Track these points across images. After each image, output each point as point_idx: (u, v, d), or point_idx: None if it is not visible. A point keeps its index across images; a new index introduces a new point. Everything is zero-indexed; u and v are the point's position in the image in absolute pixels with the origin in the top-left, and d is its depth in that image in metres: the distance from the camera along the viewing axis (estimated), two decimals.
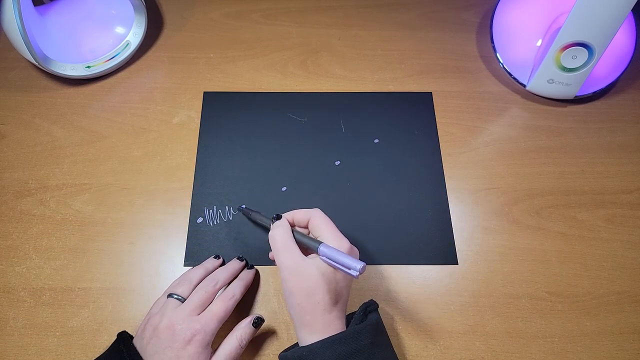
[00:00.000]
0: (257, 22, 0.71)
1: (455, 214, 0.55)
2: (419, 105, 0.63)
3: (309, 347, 0.37)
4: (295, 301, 0.39)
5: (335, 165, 0.58)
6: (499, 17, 0.64)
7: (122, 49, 0.65)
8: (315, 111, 0.62)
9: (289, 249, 0.40)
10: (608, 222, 0.55)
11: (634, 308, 0.50)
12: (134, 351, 0.40)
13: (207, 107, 0.63)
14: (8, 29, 0.56)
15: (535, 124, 0.62)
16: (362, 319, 0.40)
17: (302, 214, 0.44)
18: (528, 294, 0.51)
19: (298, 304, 0.38)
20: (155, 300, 0.45)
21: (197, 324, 0.40)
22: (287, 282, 0.39)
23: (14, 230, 0.53)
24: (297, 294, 0.38)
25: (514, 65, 0.64)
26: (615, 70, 0.61)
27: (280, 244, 0.41)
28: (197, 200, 0.56)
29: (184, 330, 0.40)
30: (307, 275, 0.39)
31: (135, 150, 0.59)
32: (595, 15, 0.53)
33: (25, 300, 0.49)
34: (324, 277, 0.39)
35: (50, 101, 0.63)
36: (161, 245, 0.53)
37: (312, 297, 0.38)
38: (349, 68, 0.66)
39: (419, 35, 0.70)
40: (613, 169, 0.59)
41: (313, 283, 0.38)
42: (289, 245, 0.41)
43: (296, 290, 0.38)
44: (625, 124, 0.62)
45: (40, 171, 0.57)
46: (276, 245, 0.41)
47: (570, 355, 0.48)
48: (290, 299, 0.39)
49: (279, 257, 0.40)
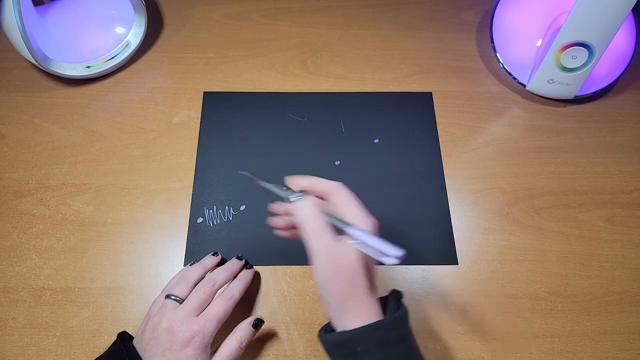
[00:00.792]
0: (257, 22, 0.71)
1: (455, 214, 0.55)
2: (419, 105, 0.63)
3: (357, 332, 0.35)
4: (335, 287, 0.36)
5: (335, 165, 0.58)
6: (499, 17, 0.64)
7: (122, 49, 0.65)
8: (315, 111, 0.62)
9: (323, 231, 0.36)
10: (608, 222, 0.55)
11: (634, 308, 0.50)
12: (134, 352, 0.40)
13: (207, 107, 0.63)
14: (8, 29, 0.56)
15: (535, 124, 0.62)
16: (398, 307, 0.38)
17: (323, 185, 0.39)
18: (528, 294, 0.51)
19: (339, 289, 0.36)
20: (154, 300, 0.45)
21: (195, 325, 0.40)
22: (324, 268, 0.36)
23: (14, 230, 0.53)
24: (337, 279, 0.35)
25: (514, 65, 0.64)
26: (615, 70, 0.61)
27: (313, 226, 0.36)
28: (197, 200, 0.56)
29: (183, 332, 0.40)
30: (346, 259, 0.36)
31: (135, 150, 0.59)
32: (595, 15, 0.53)
33: (25, 300, 0.49)
34: (363, 259, 0.36)
35: (50, 101, 0.63)
36: (161, 245, 0.53)
37: (353, 282, 0.36)
38: (349, 68, 0.66)
39: (419, 35, 0.70)
40: (613, 169, 0.59)
41: (353, 267, 0.36)
42: (323, 228, 0.36)
43: (335, 276, 0.35)
44: (625, 124, 0.62)
45: (40, 171, 0.57)
46: (307, 227, 0.37)
47: (570, 355, 0.48)
48: (329, 285, 0.36)
49: (313, 241, 0.36)
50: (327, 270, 0.36)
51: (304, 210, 0.37)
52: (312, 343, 0.48)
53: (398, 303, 0.39)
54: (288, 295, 0.50)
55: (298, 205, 0.38)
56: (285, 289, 0.51)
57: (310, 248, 0.36)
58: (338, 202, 0.38)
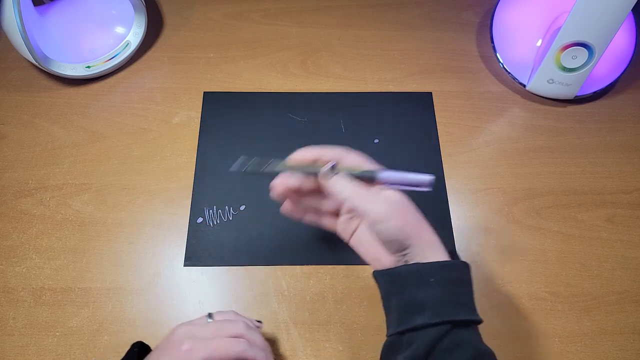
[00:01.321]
0: (257, 22, 0.71)
1: (455, 214, 0.55)
2: (419, 105, 0.63)
3: (434, 264, 0.36)
4: (411, 226, 0.37)
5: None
6: (499, 17, 0.64)
7: (122, 49, 0.65)
8: (315, 111, 0.62)
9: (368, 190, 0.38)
10: (608, 222, 0.55)
11: (634, 308, 0.50)
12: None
13: (207, 107, 0.63)
14: (8, 29, 0.56)
15: (535, 124, 0.62)
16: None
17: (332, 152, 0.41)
18: (528, 294, 0.51)
19: (416, 226, 0.38)
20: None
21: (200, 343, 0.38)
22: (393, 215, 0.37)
23: (14, 230, 0.53)
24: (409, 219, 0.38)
25: (514, 65, 0.64)
26: (615, 70, 0.61)
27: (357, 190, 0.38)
28: (197, 200, 0.56)
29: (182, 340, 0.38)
30: (403, 201, 0.38)
31: (135, 150, 0.59)
32: (595, 15, 0.53)
33: (25, 300, 0.49)
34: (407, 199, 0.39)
35: (50, 101, 0.63)
36: (161, 245, 0.53)
37: (420, 217, 0.39)
38: (349, 68, 0.66)
39: (419, 35, 0.70)
40: (613, 169, 0.59)
41: (411, 206, 0.39)
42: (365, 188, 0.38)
43: (406, 217, 0.38)
44: (625, 124, 0.62)
45: (40, 171, 0.57)
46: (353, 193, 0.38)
47: (570, 355, 0.48)
48: (406, 227, 0.37)
49: (366, 201, 0.37)
50: (397, 215, 0.37)
51: (342, 183, 0.39)
52: (312, 343, 0.48)
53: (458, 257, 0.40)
54: (288, 295, 0.50)
55: (335, 181, 0.39)
56: (285, 289, 0.51)
57: (368, 212, 0.37)
58: (352, 164, 0.40)
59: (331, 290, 0.51)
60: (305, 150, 0.41)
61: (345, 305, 0.50)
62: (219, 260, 0.52)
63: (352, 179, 0.39)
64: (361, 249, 0.42)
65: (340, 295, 0.50)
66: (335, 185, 0.39)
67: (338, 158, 0.40)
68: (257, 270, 0.51)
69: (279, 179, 0.42)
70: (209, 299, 0.50)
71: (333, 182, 0.39)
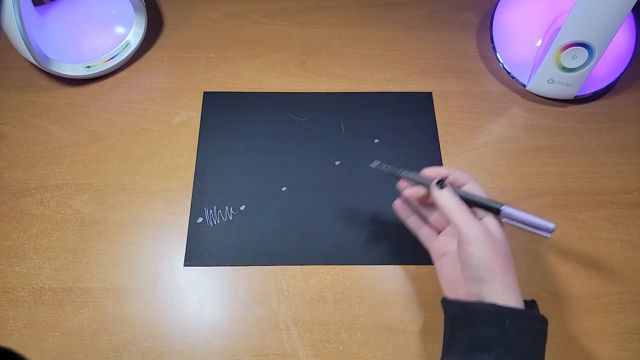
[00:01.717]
0: (257, 22, 0.71)
1: None
2: (419, 105, 0.63)
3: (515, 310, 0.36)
4: (498, 262, 0.37)
5: (335, 165, 0.58)
6: (499, 17, 0.64)
7: (122, 49, 0.65)
8: (315, 111, 0.62)
9: (472, 215, 0.39)
10: (608, 222, 0.55)
11: (634, 308, 0.50)
12: None
13: (207, 107, 0.63)
14: (8, 29, 0.56)
15: (535, 124, 0.62)
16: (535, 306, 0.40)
17: (459, 174, 0.42)
18: (528, 294, 0.50)
19: (502, 264, 0.38)
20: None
21: None
22: (485, 246, 0.37)
23: (14, 230, 0.53)
24: (499, 255, 0.38)
25: (514, 65, 0.64)
26: (615, 70, 0.61)
27: (462, 211, 0.39)
28: (197, 200, 0.56)
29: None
30: (501, 238, 0.39)
31: (135, 150, 0.59)
32: (595, 15, 0.53)
33: (25, 300, 0.49)
34: (506, 238, 0.40)
35: (50, 101, 0.63)
36: (161, 245, 0.53)
37: (509, 258, 0.39)
38: (349, 68, 0.66)
39: (419, 35, 0.70)
40: (613, 169, 0.59)
41: (507, 246, 0.39)
42: (470, 212, 0.39)
43: (497, 252, 0.38)
44: (625, 124, 0.62)
45: (40, 171, 0.57)
46: (457, 212, 0.39)
47: (570, 355, 0.48)
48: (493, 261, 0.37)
49: (467, 224, 0.38)
50: (489, 247, 0.37)
51: (450, 197, 0.40)
52: (312, 343, 0.48)
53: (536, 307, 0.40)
54: (288, 295, 0.50)
55: (443, 193, 0.40)
56: (285, 289, 0.51)
57: (464, 230, 0.38)
58: (471, 190, 0.41)
59: (331, 290, 0.51)
60: (437, 168, 0.43)
61: (345, 305, 0.50)
62: (219, 260, 0.52)
63: (461, 198, 0.40)
64: (443, 273, 0.43)
65: (340, 295, 0.50)
66: (443, 197, 0.40)
67: (462, 181, 0.42)
68: (257, 270, 0.51)
69: (412, 189, 0.44)
70: (209, 299, 0.50)
71: (442, 194, 0.40)
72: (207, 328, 0.48)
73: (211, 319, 0.49)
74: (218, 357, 0.47)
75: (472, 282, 0.38)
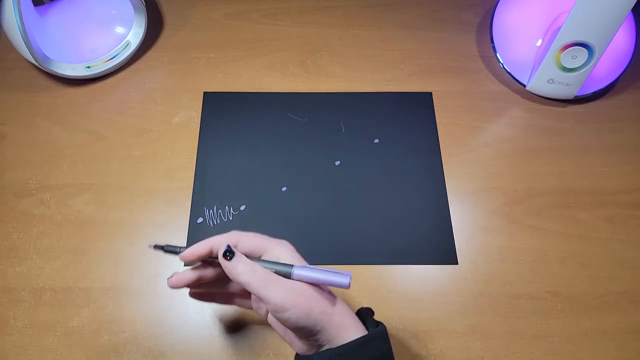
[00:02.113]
0: (257, 22, 0.71)
1: (455, 214, 0.55)
2: (419, 105, 0.63)
3: (347, 346, 0.35)
4: (316, 312, 0.36)
5: (335, 165, 0.58)
6: (499, 17, 0.64)
7: (122, 49, 0.65)
8: (315, 111, 0.62)
9: (273, 277, 0.36)
10: (608, 222, 0.55)
11: (633, 308, 0.50)
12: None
13: (207, 107, 0.63)
14: (8, 29, 0.56)
15: (535, 124, 0.62)
16: (375, 323, 0.39)
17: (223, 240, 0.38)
18: (528, 294, 0.51)
19: (321, 312, 0.36)
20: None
21: None
22: (299, 304, 0.35)
23: (14, 230, 0.53)
24: (312, 305, 0.36)
25: (514, 65, 0.64)
26: (615, 70, 0.61)
27: (262, 277, 0.36)
28: (197, 200, 0.56)
29: None
30: (308, 289, 0.36)
31: (135, 150, 0.59)
32: (595, 15, 0.53)
33: (25, 300, 0.49)
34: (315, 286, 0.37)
35: (51, 101, 0.63)
36: None
37: (323, 301, 0.37)
38: (349, 68, 0.66)
39: (419, 35, 0.70)
40: (613, 169, 0.59)
41: (313, 291, 0.37)
42: (270, 274, 0.36)
43: (307, 305, 0.36)
44: (625, 124, 0.62)
45: (40, 171, 0.57)
46: (256, 280, 0.36)
47: (570, 355, 0.48)
48: (313, 313, 0.35)
49: (272, 289, 0.35)
50: (301, 301, 0.35)
51: (244, 268, 0.36)
52: None
53: (374, 320, 0.39)
54: None
55: (235, 265, 0.36)
56: None
57: (270, 300, 0.35)
58: (249, 247, 0.38)
59: (331, 290, 0.50)
60: (197, 245, 0.38)
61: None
62: None
63: (253, 262, 0.37)
64: (278, 329, 0.41)
65: (340, 295, 0.50)
66: (234, 269, 0.36)
67: (234, 242, 0.38)
68: None
69: (174, 278, 0.40)
70: None
71: (232, 266, 0.36)
72: (207, 328, 0.48)
73: (211, 319, 0.49)
74: (218, 357, 0.47)
75: (305, 339, 0.37)
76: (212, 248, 0.38)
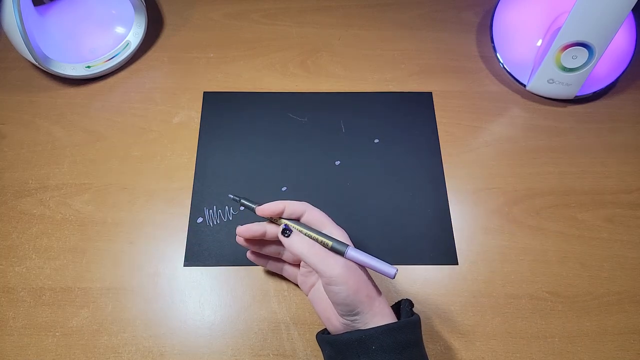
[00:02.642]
0: (257, 22, 0.71)
1: (455, 214, 0.55)
2: (419, 105, 0.63)
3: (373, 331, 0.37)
4: (364, 293, 0.38)
5: (335, 165, 0.58)
6: (499, 17, 0.64)
7: (122, 49, 0.65)
8: (315, 111, 0.62)
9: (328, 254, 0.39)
10: (608, 222, 0.55)
11: (634, 308, 0.50)
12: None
13: (207, 107, 0.63)
14: (8, 29, 0.56)
15: (535, 124, 0.62)
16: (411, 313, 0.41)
17: (296, 206, 0.42)
18: (528, 294, 0.51)
19: (368, 295, 0.39)
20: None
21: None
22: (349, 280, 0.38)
23: (14, 230, 0.53)
24: (363, 286, 0.39)
25: (514, 65, 0.64)
26: (615, 70, 0.61)
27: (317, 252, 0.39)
28: (197, 200, 0.56)
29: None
30: (358, 269, 0.40)
31: (135, 150, 0.59)
32: (595, 15, 0.53)
33: (25, 300, 0.49)
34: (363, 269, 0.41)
35: (51, 101, 0.63)
36: (161, 245, 0.53)
37: (370, 286, 0.40)
38: (349, 68, 0.66)
39: (419, 35, 0.70)
40: (613, 169, 0.59)
41: (366, 275, 0.40)
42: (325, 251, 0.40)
43: (360, 284, 0.39)
44: (625, 124, 0.62)
45: (40, 171, 0.57)
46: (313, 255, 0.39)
47: (570, 355, 0.48)
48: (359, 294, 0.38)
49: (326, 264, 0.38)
50: (352, 280, 0.38)
51: (300, 243, 0.40)
52: (312, 343, 0.48)
53: (411, 310, 0.41)
54: (288, 295, 0.50)
55: (293, 241, 0.40)
56: (285, 289, 0.51)
57: (324, 273, 0.38)
58: (314, 219, 0.42)
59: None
60: (273, 204, 0.42)
61: None
62: (219, 260, 0.52)
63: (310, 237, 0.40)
64: (317, 305, 0.43)
65: None
66: (294, 245, 0.40)
67: (301, 211, 0.42)
68: (257, 270, 0.51)
69: (244, 227, 0.43)
70: (209, 299, 0.50)
71: (292, 242, 0.40)
72: (207, 328, 0.48)
73: (211, 319, 0.49)
74: (218, 357, 0.47)
75: (344, 316, 0.39)
76: (285, 209, 0.42)
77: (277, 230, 0.42)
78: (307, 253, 0.39)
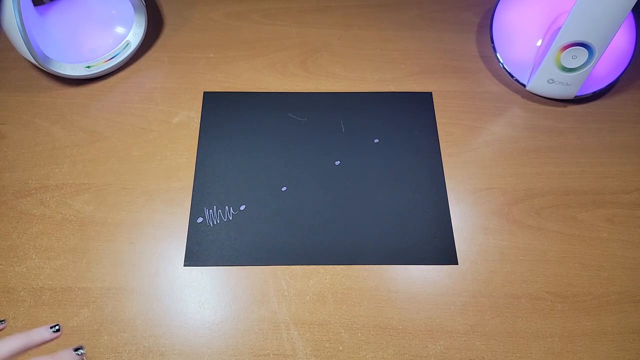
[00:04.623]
0: (257, 22, 0.71)
1: (455, 214, 0.55)
2: (419, 105, 0.63)
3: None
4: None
5: (335, 165, 0.58)
6: (499, 17, 0.64)
7: (122, 49, 0.65)
8: (315, 111, 0.62)
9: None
10: (608, 222, 0.55)
11: (634, 308, 0.50)
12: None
13: (207, 107, 0.63)
14: (8, 29, 0.56)
15: (535, 124, 0.62)
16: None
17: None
18: (528, 294, 0.51)
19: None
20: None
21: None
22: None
23: (14, 230, 0.53)
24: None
25: (514, 65, 0.64)
26: (615, 70, 0.61)
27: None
28: (197, 200, 0.56)
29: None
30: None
31: (135, 150, 0.59)
32: (595, 15, 0.53)
33: (25, 300, 0.49)
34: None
35: (50, 101, 0.63)
36: (161, 245, 0.53)
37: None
38: (349, 68, 0.66)
39: (419, 35, 0.70)
40: (613, 169, 0.59)
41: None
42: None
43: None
44: (625, 124, 0.62)
45: (40, 171, 0.57)
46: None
47: (570, 355, 0.48)
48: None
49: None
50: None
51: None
52: (312, 343, 0.48)
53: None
54: (288, 295, 0.50)
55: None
56: (285, 289, 0.51)
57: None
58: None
59: (331, 290, 0.51)
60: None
61: (345, 305, 0.50)
62: (219, 260, 0.52)
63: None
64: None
65: (340, 295, 0.50)
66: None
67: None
68: (257, 270, 0.52)
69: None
70: (209, 299, 0.50)
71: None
72: (207, 328, 0.48)
73: (211, 319, 0.49)
74: (218, 357, 0.47)
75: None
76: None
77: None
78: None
